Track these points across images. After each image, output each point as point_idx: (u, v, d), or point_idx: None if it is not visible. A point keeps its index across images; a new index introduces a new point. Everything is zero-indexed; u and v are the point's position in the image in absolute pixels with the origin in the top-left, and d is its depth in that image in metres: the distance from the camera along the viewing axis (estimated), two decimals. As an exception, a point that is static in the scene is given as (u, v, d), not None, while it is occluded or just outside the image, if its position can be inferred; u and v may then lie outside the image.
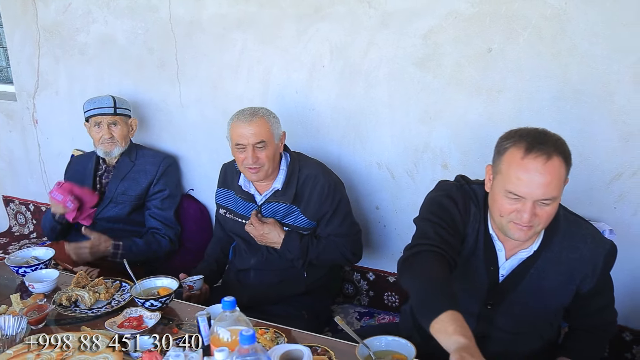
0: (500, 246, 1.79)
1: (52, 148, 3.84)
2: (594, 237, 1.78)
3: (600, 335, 1.91)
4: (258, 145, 2.37)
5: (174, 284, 2.09)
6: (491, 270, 1.81)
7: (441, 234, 1.75)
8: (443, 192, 1.85)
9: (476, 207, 1.81)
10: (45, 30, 3.57)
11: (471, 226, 1.81)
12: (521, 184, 1.59)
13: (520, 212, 1.62)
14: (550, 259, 1.77)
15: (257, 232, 2.46)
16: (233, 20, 2.91)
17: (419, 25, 2.47)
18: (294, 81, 2.84)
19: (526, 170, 1.58)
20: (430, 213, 1.82)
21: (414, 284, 1.64)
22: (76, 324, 1.95)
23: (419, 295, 1.59)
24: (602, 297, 1.86)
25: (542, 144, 1.59)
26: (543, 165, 1.57)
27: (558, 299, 1.81)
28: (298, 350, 1.48)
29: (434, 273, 1.62)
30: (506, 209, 1.65)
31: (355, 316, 2.74)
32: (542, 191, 1.58)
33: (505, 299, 1.81)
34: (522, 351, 1.89)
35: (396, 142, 2.67)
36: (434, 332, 1.46)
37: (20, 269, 2.24)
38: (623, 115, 2.17)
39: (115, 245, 2.80)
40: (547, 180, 1.57)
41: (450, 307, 1.47)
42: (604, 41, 2.13)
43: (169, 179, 3.04)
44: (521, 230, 1.66)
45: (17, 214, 4.21)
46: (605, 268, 1.78)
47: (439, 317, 1.45)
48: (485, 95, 2.40)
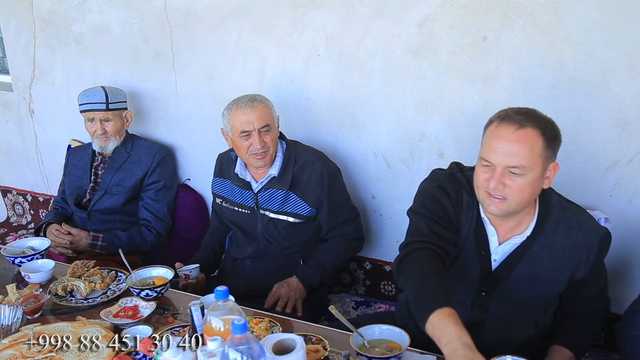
0: (492, 231, 1.80)
1: (49, 138, 3.84)
2: (588, 223, 1.78)
3: (593, 322, 1.92)
4: (263, 129, 2.38)
5: (170, 274, 2.10)
6: (482, 255, 1.81)
7: (434, 229, 1.76)
8: (435, 183, 1.86)
9: (468, 195, 1.81)
10: (41, 20, 3.56)
11: (464, 214, 1.82)
12: (491, 150, 1.63)
13: (489, 180, 1.64)
14: (544, 245, 1.77)
15: (291, 303, 2.41)
16: (228, 10, 2.90)
17: (414, 14, 2.45)
18: (290, 70, 2.83)
19: (497, 137, 1.62)
20: (423, 207, 1.82)
21: (409, 285, 1.66)
22: (72, 313, 1.96)
23: (414, 296, 1.61)
24: (596, 284, 1.86)
25: (520, 114, 1.62)
26: (513, 133, 1.60)
27: (553, 285, 1.81)
28: (291, 339, 1.48)
29: (428, 273, 1.63)
30: (480, 178, 1.68)
31: (351, 305, 2.75)
32: (510, 159, 1.60)
33: (500, 285, 1.81)
34: (517, 340, 1.89)
35: (392, 131, 2.67)
36: (429, 329, 1.47)
37: (16, 259, 2.25)
38: (618, 104, 2.16)
39: (94, 237, 2.82)
40: (515, 148, 1.59)
41: (444, 305, 1.48)
42: (600, 29, 2.12)
43: (164, 170, 3.04)
44: (493, 202, 1.67)
45: (14, 205, 4.21)
46: (599, 255, 1.78)
47: (434, 314, 1.47)
48: (481, 83, 2.39)
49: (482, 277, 1.83)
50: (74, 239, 2.80)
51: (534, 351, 1.90)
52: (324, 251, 2.56)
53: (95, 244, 2.82)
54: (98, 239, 2.83)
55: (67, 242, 2.78)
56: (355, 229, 2.61)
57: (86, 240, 2.82)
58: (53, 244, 2.68)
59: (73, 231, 2.82)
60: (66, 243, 2.78)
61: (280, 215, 2.52)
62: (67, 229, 2.82)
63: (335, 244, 2.57)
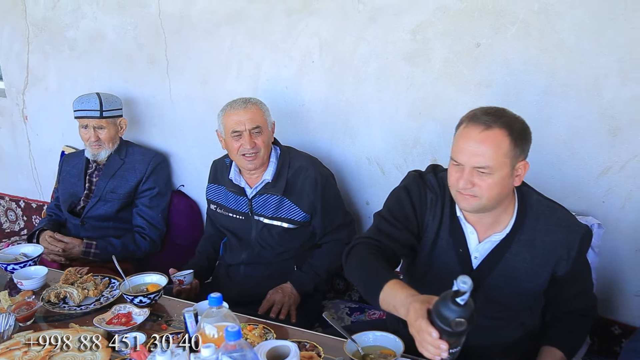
0: (471, 229, 1.82)
1: (42, 144, 3.83)
2: (568, 221, 1.81)
3: (581, 321, 1.93)
4: (254, 131, 2.40)
5: (163, 281, 2.10)
6: (460, 253, 1.83)
7: (381, 227, 1.86)
8: (402, 184, 1.94)
9: (433, 193, 1.86)
10: (35, 26, 3.55)
11: (430, 213, 1.85)
12: (459, 150, 1.67)
13: (458, 179, 1.68)
14: (524, 242, 1.79)
15: (285, 310, 2.42)
16: (222, 16, 2.90)
17: (407, 21, 2.46)
18: (284, 76, 2.84)
19: (465, 138, 1.66)
20: (385, 207, 1.94)
21: (354, 274, 1.77)
22: (64, 320, 1.95)
23: (361, 282, 1.73)
24: (580, 281, 1.88)
25: (487, 115, 1.65)
26: (479, 134, 1.63)
27: (534, 282, 1.83)
28: (285, 346, 1.48)
29: (370, 260, 1.73)
30: (452, 177, 1.72)
31: (346, 311, 2.74)
32: (476, 159, 1.64)
33: (482, 283, 1.82)
34: (504, 340, 1.90)
35: (386, 137, 2.67)
36: (383, 306, 1.55)
37: (9, 266, 2.24)
38: (611, 110, 2.17)
39: (87, 244, 2.81)
40: (481, 149, 1.63)
41: (388, 279, 1.58)
42: (592, 36, 2.13)
43: (159, 177, 3.03)
44: (464, 199, 1.71)
45: (7, 211, 4.20)
46: (580, 251, 1.81)
47: (384, 289, 1.56)
48: (474, 90, 2.40)
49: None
50: (66, 247, 2.79)
51: (524, 353, 1.92)
52: (318, 257, 2.56)
53: (89, 251, 2.81)
54: (91, 247, 2.82)
55: (59, 249, 2.77)
56: (350, 235, 2.61)
57: (79, 247, 2.81)
58: (45, 251, 2.67)
59: (66, 239, 2.81)
60: (59, 250, 2.77)
61: (275, 221, 2.52)
62: (60, 238, 2.81)
63: (329, 249, 2.57)
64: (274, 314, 2.36)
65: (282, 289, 2.44)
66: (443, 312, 1.31)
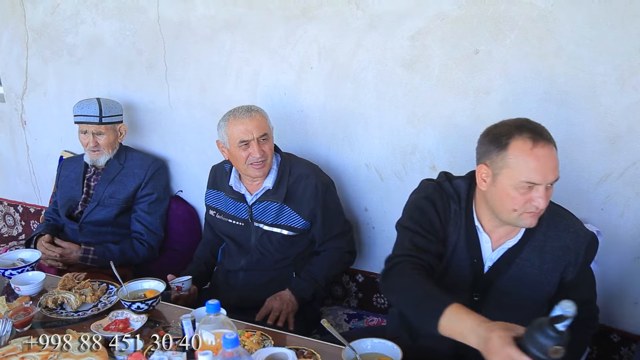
0: (486, 238, 1.82)
1: (40, 149, 3.82)
2: (576, 227, 1.83)
3: (582, 331, 1.91)
4: (262, 139, 2.40)
5: (161, 287, 2.09)
6: (474, 262, 1.83)
7: (416, 242, 1.80)
8: (422, 194, 1.89)
9: (456, 204, 1.85)
10: (34, 31, 3.56)
11: (453, 224, 1.85)
12: (536, 171, 1.66)
13: (533, 199, 1.68)
14: (534, 248, 1.81)
15: (283, 317, 2.39)
16: (221, 22, 2.91)
17: (406, 27, 2.47)
18: (283, 83, 2.84)
19: (538, 158, 1.66)
20: (409, 219, 1.87)
21: (402, 297, 1.69)
22: (62, 326, 1.94)
23: (414, 305, 1.63)
24: (583, 290, 1.88)
25: (540, 134, 1.68)
26: (550, 152, 1.67)
27: (544, 287, 1.83)
28: (282, 353, 1.47)
29: (419, 281, 1.66)
30: (519, 200, 1.69)
31: (344, 318, 2.74)
32: (554, 174, 1.68)
33: (492, 289, 1.83)
34: None
35: (384, 143, 2.67)
36: (445, 330, 1.49)
37: (6, 271, 2.23)
38: (609, 117, 2.18)
39: (85, 250, 2.81)
40: (555, 163, 1.69)
41: (449, 303, 1.51)
42: (590, 43, 2.14)
43: (157, 183, 3.03)
44: (534, 217, 1.72)
45: (5, 216, 4.19)
46: (586, 258, 1.82)
47: (445, 313, 1.49)
48: (473, 96, 2.40)
49: (474, 282, 1.84)
50: (64, 252, 2.79)
51: None
52: (317, 264, 2.55)
53: (87, 257, 2.80)
54: (89, 252, 2.81)
55: (57, 254, 2.76)
56: (348, 242, 2.61)
57: (77, 253, 2.80)
58: (43, 256, 2.65)
59: (64, 244, 2.81)
60: (56, 256, 2.76)
61: (275, 228, 2.51)
62: (58, 243, 2.81)
63: (328, 256, 2.56)
64: (271, 321, 2.35)
65: (280, 296, 2.44)
66: (539, 340, 1.27)
